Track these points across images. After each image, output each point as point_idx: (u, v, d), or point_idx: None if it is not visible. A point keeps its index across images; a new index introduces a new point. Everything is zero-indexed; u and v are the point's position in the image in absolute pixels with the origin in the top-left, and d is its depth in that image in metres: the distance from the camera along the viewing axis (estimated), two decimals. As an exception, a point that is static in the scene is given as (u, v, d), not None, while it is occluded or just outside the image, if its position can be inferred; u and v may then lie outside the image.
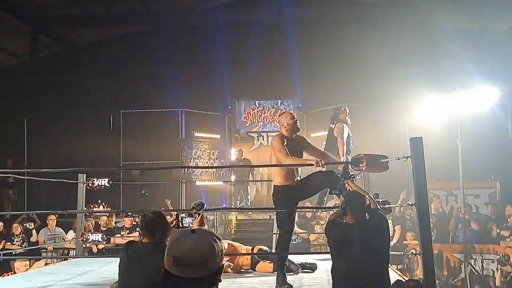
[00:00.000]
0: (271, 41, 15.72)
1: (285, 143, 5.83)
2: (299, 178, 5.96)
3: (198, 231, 1.84)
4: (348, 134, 8.28)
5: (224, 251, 1.88)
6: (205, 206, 4.72)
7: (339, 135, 8.19)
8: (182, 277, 1.77)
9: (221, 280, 1.87)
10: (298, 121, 6.02)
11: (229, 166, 15.95)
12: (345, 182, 4.84)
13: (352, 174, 4.89)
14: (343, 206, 4.39)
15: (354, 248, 4.16)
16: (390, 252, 6.02)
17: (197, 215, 4.61)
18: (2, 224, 11.22)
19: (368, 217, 4.41)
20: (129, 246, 4.27)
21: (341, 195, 4.90)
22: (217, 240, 1.85)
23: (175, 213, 6.18)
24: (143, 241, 4.10)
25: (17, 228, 11.10)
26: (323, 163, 5.75)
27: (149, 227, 4.05)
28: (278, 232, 6.48)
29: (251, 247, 7.41)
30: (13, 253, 10.22)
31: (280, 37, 15.55)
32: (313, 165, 5.68)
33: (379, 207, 4.65)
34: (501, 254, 10.43)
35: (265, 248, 7.62)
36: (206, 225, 5.07)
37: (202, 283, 1.80)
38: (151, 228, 4.04)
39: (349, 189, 4.88)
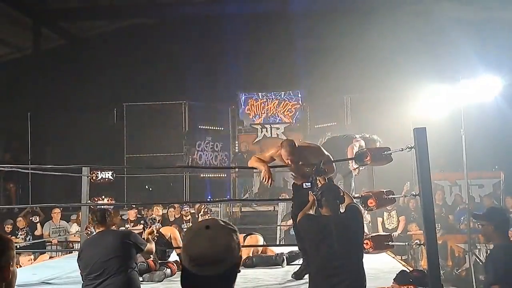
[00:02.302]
0: (275, 32, 15.68)
1: (272, 155, 5.97)
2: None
3: (212, 226, 1.78)
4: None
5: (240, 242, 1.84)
6: (156, 221, 6.17)
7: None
8: (202, 276, 1.74)
9: (240, 270, 1.84)
10: (291, 156, 5.89)
11: (234, 167, 15.81)
12: (317, 179, 4.84)
13: (325, 169, 4.88)
14: (319, 199, 4.38)
15: (331, 239, 4.17)
16: (395, 243, 6.05)
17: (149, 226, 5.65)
18: (12, 223, 11.25)
19: (342, 208, 4.43)
20: (87, 238, 5.86)
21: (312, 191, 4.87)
22: (233, 233, 1.80)
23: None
24: (97, 230, 4.92)
25: (21, 222, 11.14)
26: (270, 182, 5.78)
27: (100, 219, 4.83)
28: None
29: (242, 235, 7.45)
30: (17, 247, 10.25)
31: (284, 28, 15.50)
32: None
33: (354, 201, 4.65)
34: None
35: (260, 237, 7.65)
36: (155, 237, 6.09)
37: (222, 279, 1.77)
38: (102, 219, 4.82)
39: (320, 186, 4.86)
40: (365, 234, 5.14)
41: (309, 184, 4.98)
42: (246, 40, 15.93)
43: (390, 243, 5.67)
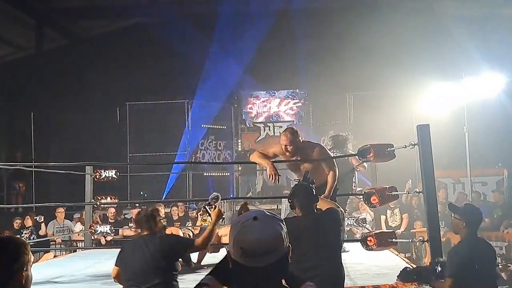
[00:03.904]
0: (276, 30, 15.66)
1: (275, 151, 5.88)
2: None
3: (260, 217, 1.80)
4: None
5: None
6: (219, 199, 4.89)
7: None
8: (254, 267, 1.75)
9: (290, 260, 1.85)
10: (287, 145, 5.84)
11: (237, 162, 15.84)
12: None
13: (312, 180, 4.76)
14: (291, 200, 4.30)
15: (303, 240, 4.07)
16: (398, 240, 6.05)
17: (213, 207, 4.72)
18: (21, 219, 11.28)
19: (317, 209, 4.32)
20: (129, 240, 5.28)
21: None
22: (280, 223, 1.82)
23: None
24: (140, 234, 4.58)
25: (28, 221, 11.17)
26: (277, 178, 5.71)
27: (143, 222, 4.51)
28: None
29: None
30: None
31: (286, 26, 15.48)
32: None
33: (337, 207, 4.49)
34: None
35: None
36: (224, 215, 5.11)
37: (275, 269, 1.78)
38: (145, 223, 4.49)
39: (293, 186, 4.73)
40: (369, 232, 5.15)
41: None
42: (249, 38, 15.90)
43: (393, 240, 5.67)
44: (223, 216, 5.19)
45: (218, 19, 15.52)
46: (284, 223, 1.84)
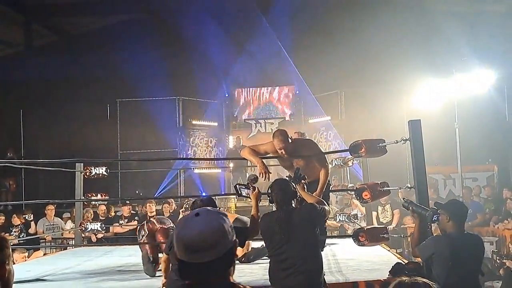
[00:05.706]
0: (268, 27, 15.63)
1: (266, 149, 5.91)
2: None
3: (202, 213, 1.80)
4: None
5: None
6: (257, 180, 4.82)
7: None
8: (198, 263, 1.74)
9: (237, 255, 1.85)
10: (283, 144, 5.78)
11: (228, 158, 15.80)
12: (295, 186, 4.64)
13: (304, 175, 4.70)
14: (269, 194, 4.36)
15: (277, 233, 4.16)
16: (390, 235, 6.05)
17: (252, 188, 4.60)
18: (4, 217, 11.17)
19: (297, 204, 4.37)
20: None
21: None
22: (224, 217, 1.81)
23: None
24: None
25: (16, 219, 11.07)
26: (267, 175, 5.71)
27: None
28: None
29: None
30: (11, 244, 10.16)
31: (277, 22, 15.45)
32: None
33: (319, 202, 4.49)
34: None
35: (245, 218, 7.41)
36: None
37: (220, 264, 1.77)
38: None
39: (299, 195, 4.71)
40: (360, 227, 5.13)
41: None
42: (239, 35, 15.86)
43: (385, 235, 5.67)
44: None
45: (209, 15, 15.46)
46: (228, 218, 1.83)
